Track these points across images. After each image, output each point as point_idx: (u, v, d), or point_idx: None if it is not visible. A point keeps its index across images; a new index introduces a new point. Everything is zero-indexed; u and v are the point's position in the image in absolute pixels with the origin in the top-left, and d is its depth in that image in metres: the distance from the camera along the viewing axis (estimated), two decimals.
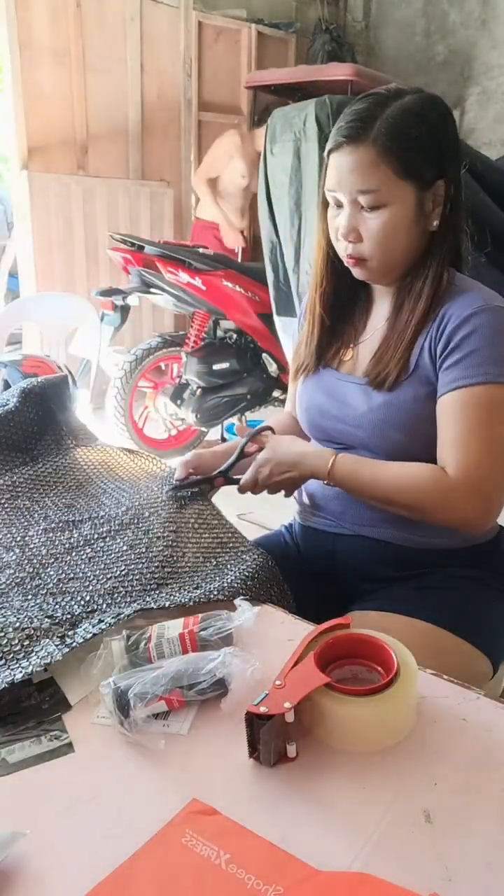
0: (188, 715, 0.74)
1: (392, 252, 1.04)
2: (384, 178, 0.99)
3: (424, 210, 1.03)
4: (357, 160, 0.99)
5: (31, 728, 0.74)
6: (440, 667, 0.81)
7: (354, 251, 1.04)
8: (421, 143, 1.00)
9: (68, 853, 0.60)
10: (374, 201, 1.00)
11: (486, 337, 0.98)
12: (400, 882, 0.56)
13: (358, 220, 1.02)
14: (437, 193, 1.03)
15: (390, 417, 1.06)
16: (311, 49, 5.13)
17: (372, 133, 0.98)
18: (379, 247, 1.03)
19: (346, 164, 1.00)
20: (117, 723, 0.71)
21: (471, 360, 0.98)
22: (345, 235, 1.04)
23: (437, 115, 1.03)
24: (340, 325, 1.18)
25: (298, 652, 0.76)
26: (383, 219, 1.01)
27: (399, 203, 1.00)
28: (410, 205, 1.01)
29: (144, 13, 4.10)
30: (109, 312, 3.31)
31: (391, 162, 0.98)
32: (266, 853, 0.58)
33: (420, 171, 1.00)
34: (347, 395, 1.13)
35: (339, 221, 1.04)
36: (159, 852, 0.59)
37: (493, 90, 5.14)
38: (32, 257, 3.83)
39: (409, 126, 0.99)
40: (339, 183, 1.01)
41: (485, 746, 0.71)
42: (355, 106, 1.02)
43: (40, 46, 3.67)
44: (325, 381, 1.17)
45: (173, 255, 3.26)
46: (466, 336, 0.99)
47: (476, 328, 0.99)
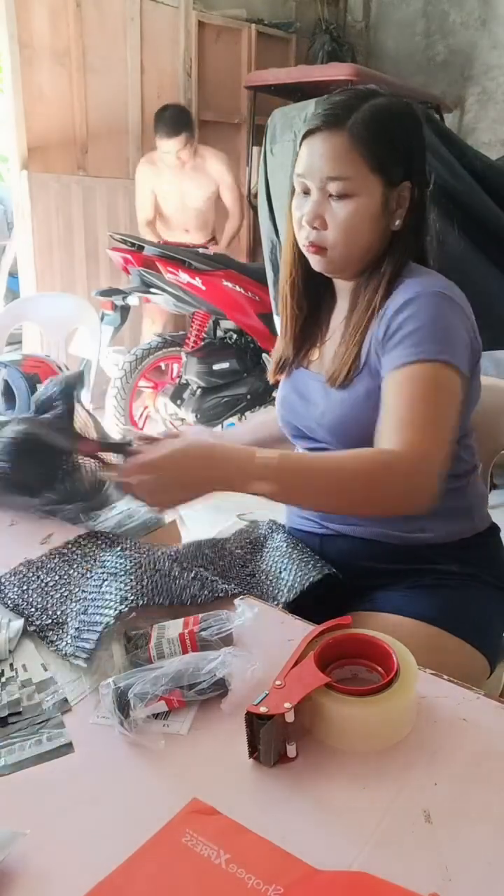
0: (188, 715, 0.74)
1: (354, 244, 1.04)
2: (355, 168, 1.00)
3: (389, 208, 1.04)
4: (331, 146, 1.00)
5: (31, 728, 0.74)
6: (438, 666, 0.81)
7: (317, 238, 1.04)
8: (394, 141, 1.02)
9: (68, 853, 0.60)
10: (343, 189, 1.00)
11: (423, 318, 0.99)
12: (400, 882, 0.56)
13: (324, 207, 1.02)
14: (402, 195, 1.04)
15: (346, 414, 1.07)
16: (311, 49, 5.13)
17: (349, 122, 1.00)
18: (342, 236, 1.03)
19: (320, 150, 1.01)
20: (117, 723, 0.71)
21: (410, 339, 0.98)
22: (309, 221, 1.03)
23: (410, 119, 1.05)
24: (309, 326, 1.19)
25: (298, 652, 0.76)
26: (350, 209, 1.01)
27: (367, 195, 1.01)
28: (377, 199, 1.02)
29: (144, 13, 4.10)
30: (109, 312, 3.31)
31: (364, 153, 1.00)
32: (266, 853, 0.58)
33: (389, 168, 1.02)
34: (311, 392, 1.15)
35: (305, 208, 1.04)
36: (159, 852, 0.59)
37: (493, 90, 5.14)
38: (32, 257, 3.82)
39: (385, 122, 1.01)
40: (311, 168, 1.02)
41: (485, 746, 0.71)
42: (333, 97, 1.04)
43: (40, 46, 3.67)
44: (296, 380, 1.20)
45: (173, 255, 3.26)
46: (406, 319, 1.00)
47: (415, 311, 0.99)
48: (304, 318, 1.18)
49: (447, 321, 1.01)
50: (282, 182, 2.80)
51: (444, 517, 1.05)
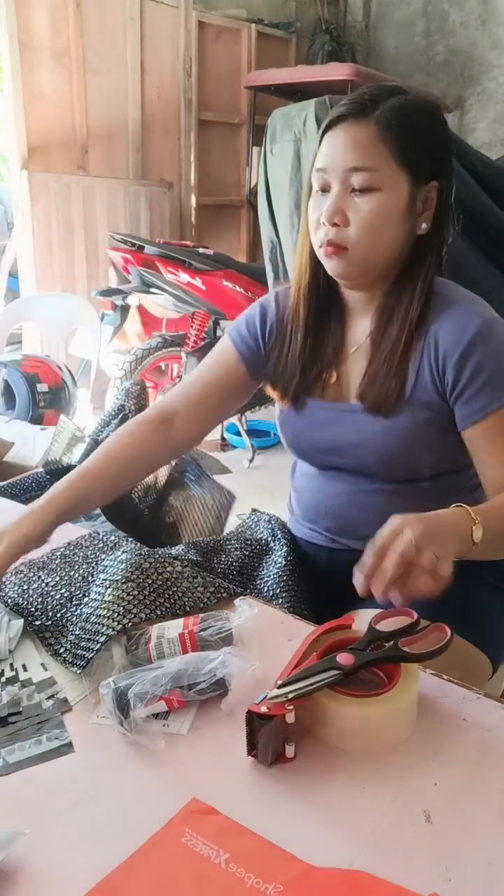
0: (188, 715, 0.74)
1: (377, 244, 0.97)
2: (382, 159, 0.94)
3: (415, 208, 0.98)
4: (356, 136, 0.95)
5: (31, 728, 0.74)
6: (440, 666, 0.81)
7: (337, 236, 0.96)
8: (422, 136, 0.97)
9: (68, 853, 0.60)
10: (367, 182, 0.94)
11: (497, 354, 0.95)
12: (400, 882, 0.56)
13: (346, 202, 0.96)
14: (429, 196, 0.98)
15: (391, 445, 1.02)
16: (311, 49, 5.13)
17: (376, 111, 0.95)
18: (365, 234, 0.95)
19: (344, 140, 0.95)
20: (117, 723, 0.71)
21: (493, 384, 0.95)
22: (329, 217, 0.96)
23: (438, 119, 1.00)
24: (318, 346, 1.08)
25: (300, 652, 0.76)
26: (374, 203, 0.95)
27: (392, 190, 0.95)
28: (403, 196, 0.96)
29: (144, 13, 4.10)
30: (109, 312, 3.31)
31: (391, 144, 0.94)
32: (266, 853, 0.58)
33: (417, 164, 0.96)
34: (340, 425, 1.06)
35: (324, 204, 0.97)
36: (159, 852, 0.59)
37: (493, 90, 5.14)
38: (32, 257, 3.82)
39: (413, 117, 0.96)
40: (332, 160, 0.96)
41: (485, 746, 0.71)
42: (357, 92, 0.99)
43: (40, 46, 3.67)
44: (313, 416, 1.09)
45: (173, 255, 3.26)
46: (478, 365, 0.95)
47: (484, 355, 0.95)
48: (315, 334, 1.08)
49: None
50: (282, 182, 2.81)
51: None
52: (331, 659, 0.72)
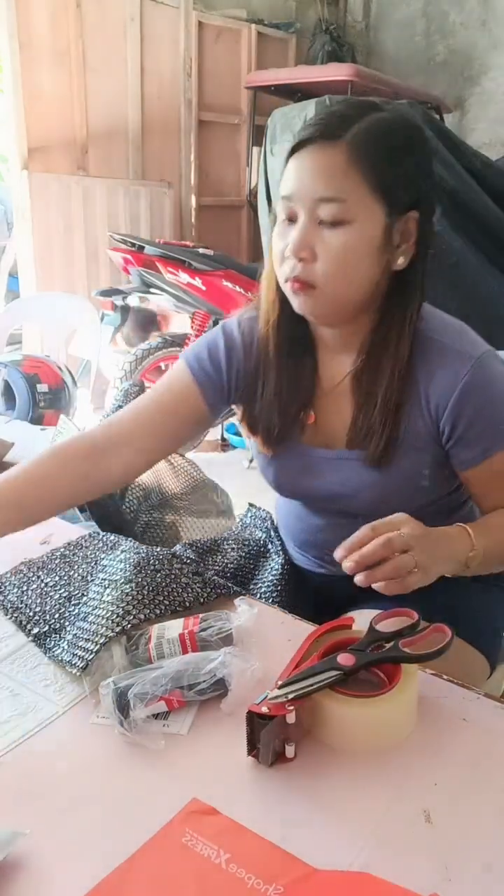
0: (188, 715, 0.74)
1: (347, 282, 0.88)
2: (353, 188, 0.84)
3: (391, 242, 0.88)
4: (325, 162, 0.85)
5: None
6: (438, 666, 0.81)
7: (303, 273, 0.87)
8: (400, 161, 0.87)
9: (68, 853, 0.60)
10: (337, 214, 0.85)
11: (492, 399, 0.92)
12: (400, 882, 0.56)
13: (314, 236, 0.86)
14: (407, 227, 0.89)
15: (385, 494, 0.98)
16: (311, 49, 5.14)
17: (348, 133, 0.84)
18: (334, 271, 0.86)
19: (311, 166, 0.86)
20: (117, 723, 0.71)
21: (491, 430, 0.92)
22: (295, 251, 0.86)
23: (419, 137, 0.91)
24: (294, 385, 1.00)
25: (300, 652, 0.76)
26: (345, 238, 0.85)
27: (366, 222, 0.85)
28: (378, 229, 0.86)
29: (144, 13, 4.10)
30: (109, 312, 3.31)
31: (365, 170, 0.84)
32: (266, 853, 0.58)
33: (394, 192, 0.86)
34: (329, 473, 1.01)
35: (290, 236, 0.88)
36: (159, 852, 0.59)
37: (493, 90, 5.14)
38: (32, 257, 3.83)
39: (390, 138, 0.87)
40: (300, 188, 0.86)
41: (485, 746, 0.71)
42: (328, 109, 0.89)
43: (40, 46, 3.67)
44: (297, 461, 1.03)
45: (173, 255, 3.26)
46: (473, 414, 0.91)
47: (479, 403, 0.91)
48: (289, 374, 1.00)
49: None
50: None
51: None
52: (331, 659, 0.72)
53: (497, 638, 1.10)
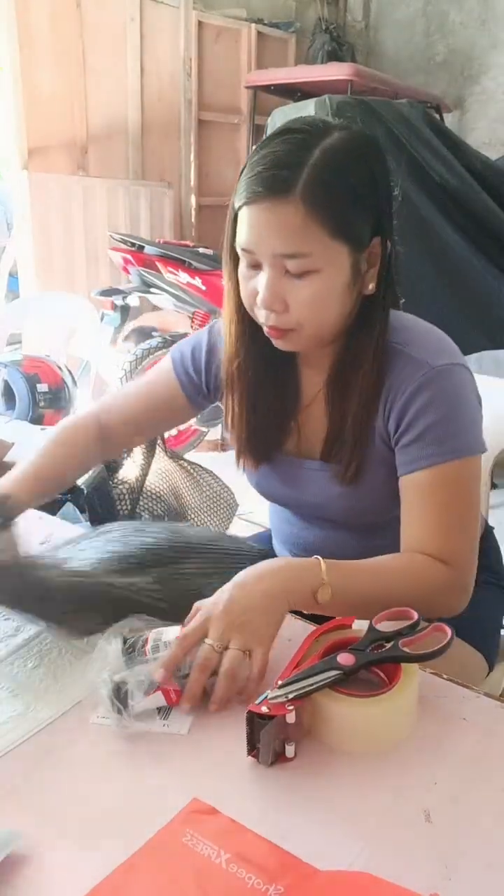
0: (188, 715, 0.74)
1: (325, 321, 0.88)
2: (315, 241, 0.82)
3: (360, 271, 0.87)
4: (281, 219, 0.81)
5: None
6: (437, 665, 0.81)
7: (279, 322, 0.87)
8: (358, 195, 0.84)
9: (68, 853, 0.60)
10: (302, 267, 0.83)
11: (441, 408, 0.89)
12: (400, 882, 0.56)
13: (283, 286, 0.85)
14: (372, 253, 0.88)
15: (354, 505, 0.99)
16: (311, 49, 5.14)
17: (298, 185, 0.80)
18: (309, 318, 0.87)
19: (267, 224, 0.82)
20: (115, 712, 0.71)
21: (431, 436, 0.89)
22: (268, 305, 0.86)
23: (373, 156, 0.86)
24: (276, 397, 1.01)
25: (300, 652, 0.76)
26: (314, 287, 0.84)
27: (332, 267, 0.84)
28: (345, 269, 0.85)
29: (144, 13, 4.10)
30: (109, 312, 3.31)
31: (322, 220, 0.81)
32: (266, 853, 0.58)
33: (356, 230, 0.85)
34: (303, 483, 1.02)
35: (258, 286, 0.86)
36: (160, 852, 0.59)
37: (493, 90, 5.14)
38: (32, 257, 3.83)
39: (341, 173, 0.82)
40: (259, 243, 0.84)
41: (485, 746, 0.71)
42: (271, 148, 0.83)
43: (40, 47, 3.67)
44: (277, 469, 1.04)
45: (173, 255, 3.26)
46: (420, 410, 0.89)
47: (429, 400, 0.89)
48: (265, 395, 1.00)
49: (464, 402, 0.91)
50: None
51: None
52: (331, 659, 0.72)
53: (495, 636, 1.10)
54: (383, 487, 0.96)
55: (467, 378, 0.93)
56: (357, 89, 4.03)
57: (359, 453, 0.94)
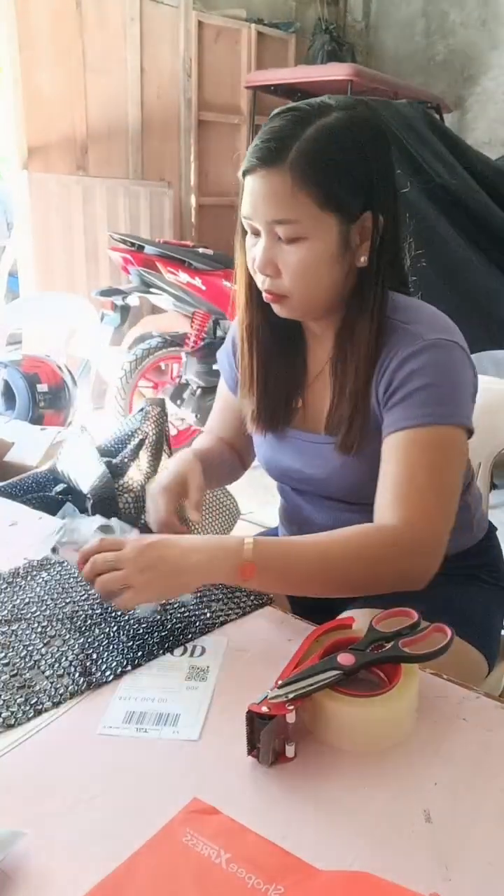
0: (198, 719, 0.74)
1: (313, 289, 0.93)
2: (303, 209, 0.88)
3: (350, 245, 0.92)
4: (272, 187, 0.88)
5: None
6: (437, 665, 0.81)
7: (272, 286, 0.94)
8: (346, 169, 0.88)
9: (68, 853, 0.60)
10: (291, 233, 0.89)
11: (429, 374, 0.91)
12: (400, 882, 0.56)
13: (275, 252, 0.91)
14: (364, 227, 0.91)
15: (353, 478, 1.01)
16: (311, 49, 5.14)
17: (289, 156, 0.86)
18: (298, 283, 0.92)
19: (261, 191, 0.89)
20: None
21: (415, 399, 0.91)
22: (261, 268, 0.93)
23: (368, 136, 0.90)
24: (285, 369, 1.06)
25: (300, 652, 0.76)
26: (302, 253, 0.90)
27: (320, 237, 0.89)
28: (333, 239, 0.90)
29: (144, 13, 4.10)
30: (109, 312, 3.31)
31: (311, 191, 0.87)
32: (267, 853, 0.58)
33: (344, 202, 0.89)
34: (308, 456, 1.05)
35: (256, 252, 0.94)
36: (160, 852, 0.59)
37: (493, 90, 5.15)
38: (32, 257, 3.83)
39: (332, 149, 0.87)
40: (254, 210, 0.91)
41: (485, 746, 0.71)
42: (273, 123, 0.90)
43: (40, 47, 3.67)
44: (286, 442, 1.08)
45: (173, 255, 3.26)
46: (409, 375, 0.91)
47: (419, 366, 0.91)
48: (275, 367, 1.05)
49: (454, 376, 0.93)
50: None
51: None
52: (331, 659, 0.72)
53: (495, 636, 1.10)
54: (378, 460, 0.97)
55: (462, 356, 0.95)
56: (357, 89, 4.02)
57: (357, 422, 0.97)
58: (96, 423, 3.17)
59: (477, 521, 1.14)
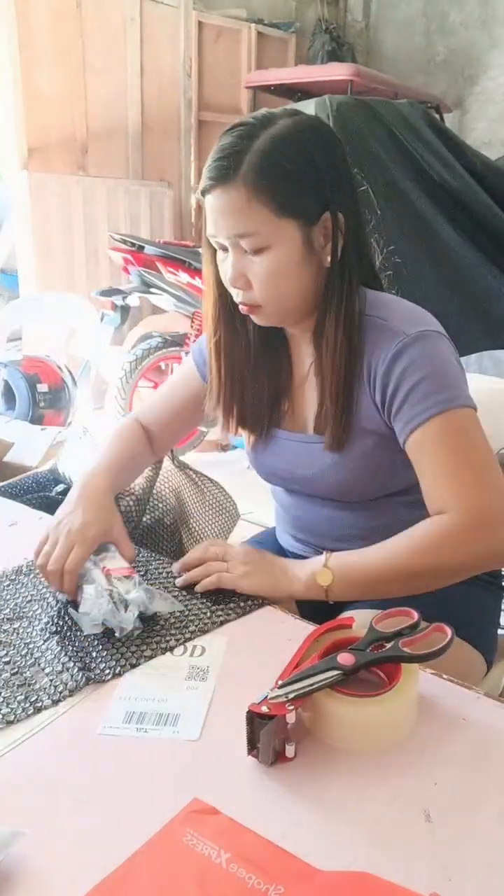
0: (198, 719, 0.74)
1: (285, 296, 0.96)
2: (261, 219, 0.90)
3: (314, 246, 0.94)
4: (228, 203, 0.90)
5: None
6: (436, 665, 0.81)
7: (246, 298, 0.96)
8: (296, 174, 0.90)
9: (68, 853, 0.60)
10: (254, 244, 0.92)
11: (420, 368, 0.92)
12: (400, 882, 0.56)
13: (244, 264, 0.94)
14: (326, 227, 0.94)
15: (340, 477, 1.02)
16: (311, 49, 5.14)
17: (240, 171, 0.89)
18: (269, 291, 0.95)
19: (219, 209, 0.92)
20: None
21: (416, 395, 0.92)
22: (232, 282, 0.95)
23: (313, 140, 0.92)
24: (269, 374, 1.08)
25: (300, 652, 0.76)
26: (268, 262, 0.92)
27: (283, 243, 0.92)
28: (297, 244, 0.93)
29: (144, 13, 4.10)
30: (109, 312, 3.32)
31: (265, 200, 0.89)
32: (267, 853, 0.58)
33: (301, 207, 0.91)
34: (294, 456, 1.07)
35: (225, 267, 0.96)
36: (160, 852, 0.59)
37: (493, 90, 5.15)
38: (32, 257, 3.83)
39: (280, 157, 0.89)
40: (216, 227, 0.93)
41: (485, 746, 0.71)
42: (223, 141, 0.93)
43: (40, 47, 3.67)
44: (276, 444, 1.10)
45: (173, 255, 3.26)
46: (402, 374, 0.93)
47: (409, 363, 0.92)
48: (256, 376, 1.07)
49: (444, 363, 0.94)
50: None
51: None
52: (331, 659, 0.72)
53: (494, 636, 1.10)
54: (371, 458, 0.99)
55: (444, 342, 0.96)
56: (357, 89, 4.03)
57: (341, 420, 0.99)
58: (96, 424, 3.18)
59: None
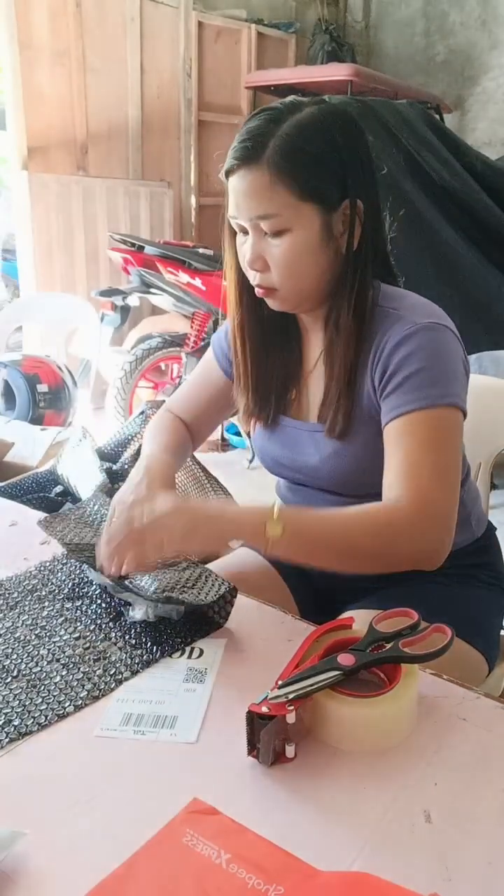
0: (195, 722, 0.74)
1: (301, 280, 0.97)
2: (282, 202, 0.91)
3: (333, 233, 0.95)
4: (251, 184, 0.92)
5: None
6: (437, 665, 0.81)
7: (263, 280, 0.97)
8: (320, 159, 0.92)
9: (68, 853, 0.60)
10: (274, 227, 0.93)
11: (421, 358, 0.93)
12: (400, 882, 0.56)
13: (262, 246, 0.95)
14: (345, 214, 0.95)
15: (343, 465, 1.02)
16: (311, 49, 5.14)
17: (265, 154, 0.91)
18: (286, 275, 0.95)
19: (242, 190, 0.93)
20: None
21: (410, 384, 0.93)
22: (250, 264, 0.96)
23: (338, 128, 0.94)
24: (279, 362, 1.09)
25: (300, 652, 0.76)
26: (287, 245, 0.93)
27: (302, 227, 0.93)
28: (315, 228, 0.93)
29: (144, 13, 4.10)
30: (109, 312, 3.32)
31: (288, 184, 0.91)
32: (267, 853, 0.58)
33: (322, 192, 0.93)
34: (297, 444, 1.08)
35: (245, 249, 0.97)
36: (160, 852, 0.59)
37: (493, 90, 5.15)
38: (32, 258, 3.83)
39: (304, 142, 0.91)
40: (238, 208, 0.95)
41: (485, 746, 0.71)
42: (249, 123, 0.95)
43: (40, 46, 3.67)
44: (282, 432, 1.11)
45: (173, 255, 3.27)
46: (402, 360, 0.94)
47: (411, 351, 0.93)
48: (266, 361, 1.08)
49: (446, 358, 0.95)
50: None
51: None
52: (331, 659, 0.72)
53: (495, 636, 1.10)
54: (373, 446, 0.99)
55: (452, 338, 0.97)
56: (357, 90, 4.03)
57: (344, 407, 0.99)
58: (96, 424, 3.18)
59: (475, 518, 1.14)
